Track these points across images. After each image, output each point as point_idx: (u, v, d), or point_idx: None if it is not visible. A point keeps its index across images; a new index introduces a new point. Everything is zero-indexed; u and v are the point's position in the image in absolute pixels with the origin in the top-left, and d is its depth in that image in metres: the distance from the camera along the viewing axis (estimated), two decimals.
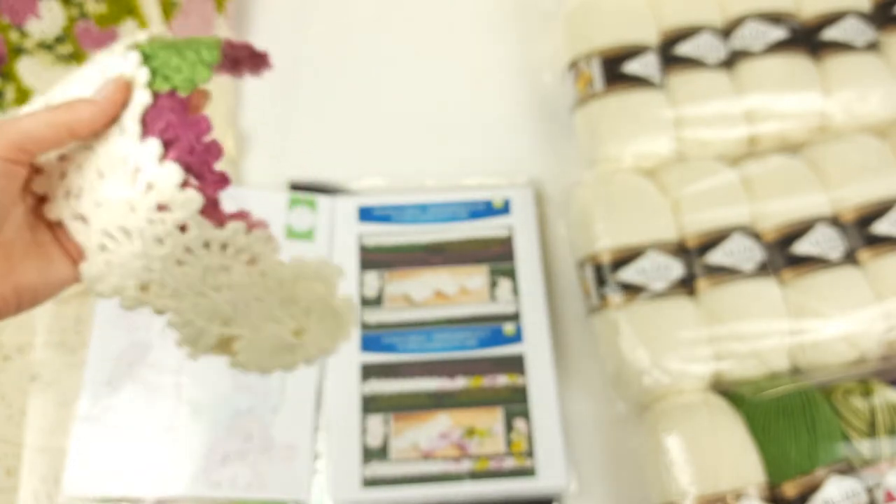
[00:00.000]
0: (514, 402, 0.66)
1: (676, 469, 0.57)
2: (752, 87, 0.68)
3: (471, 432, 0.65)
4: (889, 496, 0.56)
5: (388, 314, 0.69)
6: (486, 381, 0.66)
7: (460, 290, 0.69)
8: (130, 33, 0.78)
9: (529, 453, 0.64)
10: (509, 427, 0.65)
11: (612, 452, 0.67)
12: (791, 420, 0.57)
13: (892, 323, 0.62)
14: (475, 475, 0.63)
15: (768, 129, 0.68)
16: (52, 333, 0.68)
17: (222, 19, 0.79)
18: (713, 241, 0.64)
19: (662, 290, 0.63)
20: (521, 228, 0.72)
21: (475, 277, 0.70)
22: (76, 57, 0.77)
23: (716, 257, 0.64)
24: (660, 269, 0.63)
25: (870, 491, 0.56)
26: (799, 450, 0.56)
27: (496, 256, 0.71)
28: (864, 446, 0.57)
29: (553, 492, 0.64)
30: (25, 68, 0.76)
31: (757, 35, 0.70)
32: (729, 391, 0.62)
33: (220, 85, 0.77)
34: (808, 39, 0.71)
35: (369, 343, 0.67)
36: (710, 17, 0.71)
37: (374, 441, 0.64)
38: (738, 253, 0.64)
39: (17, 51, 0.76)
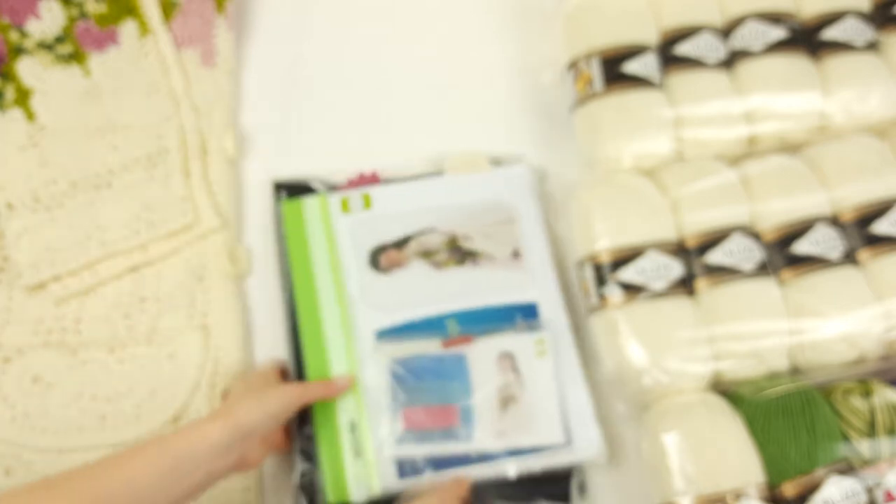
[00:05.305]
0: None
1: (676, 469, 0.57)
2: (752, 87, 0.68)
3: None
4: (889, 496, 0.56)
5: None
6: None
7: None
8: (130, 33, 0.78)
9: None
10: None
11: (611, 452, 0.67)
12: (791, 420, 0.57)
13: (891, 323, 0.62)
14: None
15: (768, 129, 0.68)
16: (53, 334, 0.69)
17: (222, 19, 0.79)
18: (713, 240, 0.64)
19: (662, 290, 0.63)
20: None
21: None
22: (76, 57, 0.77)
23: (715, 257, 0.64)
24: (659, 269, 0.63)
25: (869, 491, 0.56)
26: (798, 450, 0.56)
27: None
28: (863, 446, 0.57)
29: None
30: (25, 68, 0.76)
31: (757, 35, 0.70)
32: (728, 391, 0.62)
33: (219, 85, 0.77)
34: (807, 39, 0.71)
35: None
36: (709, 17, 0.71)
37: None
38: (738, 253, 0.64)
39: (17, 51, 0.76)
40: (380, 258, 0.69)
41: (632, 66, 0.68)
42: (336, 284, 0.68)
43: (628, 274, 0.63)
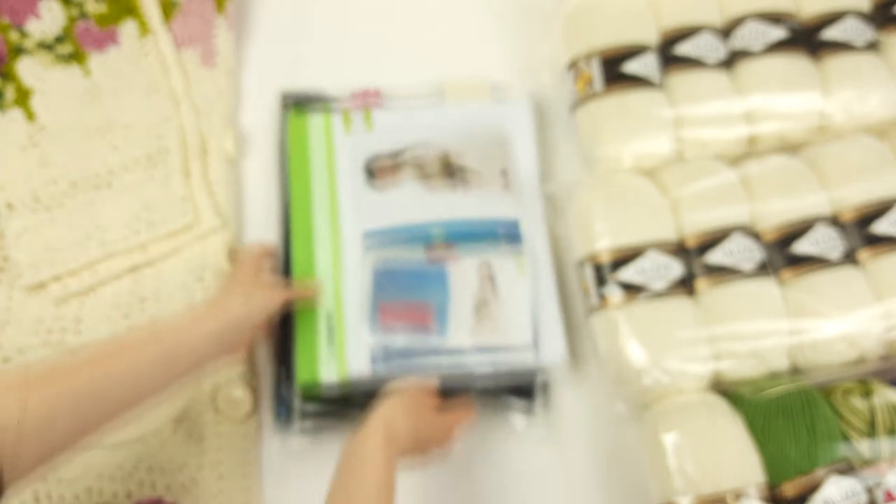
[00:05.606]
0: None
1: (676, 469, 0.57)
2: (752, 87, 0.69)
3: None
4: (889, 496, 0.56)
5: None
6: None
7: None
8: (130, 33, 0.78)
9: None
10: None
11: (611, 452, 0.67)
12: (791, 420, 0.57)
13: (891, 323, 0.62)
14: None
15: (768, 129, 0.69)
16: (53, 334, 0.68)
17: (222, 19, 0.79)
18: (713, 240, 0.64)
19: (662, 290, 0.63)
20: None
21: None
22: (76, 57, 0.77)
23: (715, 257, 0.64)
24: (660, 269, 0.63)
25: (869, 491, 0.56)
26: (799, 450, 0.56)
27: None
28: (863, 446, 0.57)
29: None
30: (25, 68, 0.76)
31: (757, 35, 0.70)
32: (728, 391, 0.62)
33: (219, 85, 0.77)
34: (808, 39, 0.71)
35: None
36: (709, 17, 0.71)
37: None
38: (738, 253, 0.64)
39: (17, 51, 0.76)
40: (374, 169, 0.72)
41: (632, 66, 0.68)
42: (330, 195, 0.72)
43: (628, 274, 0.63)
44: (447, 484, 0.67)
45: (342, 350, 0.66)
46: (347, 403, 0.66)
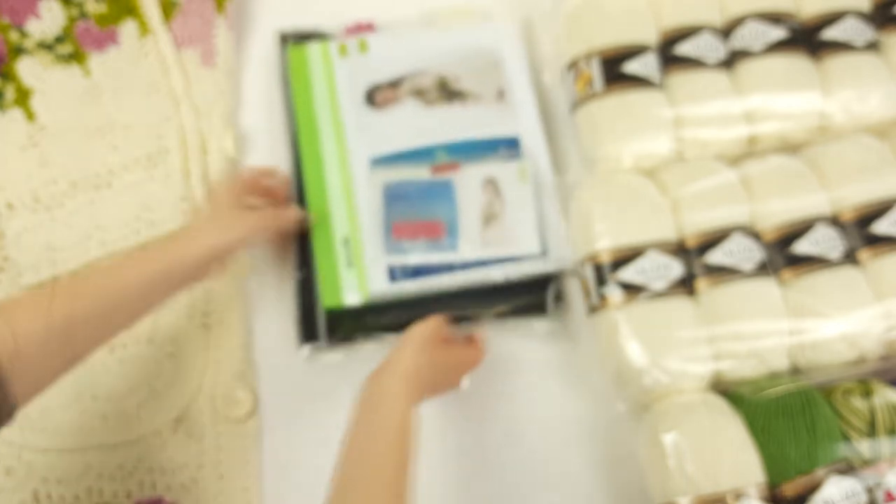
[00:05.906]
0: None
1: (676, 469, 0.57)
2: (752, 87, 0.69)
3: None
4: (889, 496, 0.56)
5: None
6: None
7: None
8: (130, 33, 0.78)
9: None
10: None
11: (611, 453, 0.67)
12: (791, 420, 0.57)
13: (891, 323, 0.62)
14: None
15: (768, 129, 0.69)
16: None
17: (222, 19, 0.79)
18: (713, 240, 0.64)
19: (662, 290, 0.63)
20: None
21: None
22: (76, 57, 0.77)
23: (715, 257, 0.64)
24: (660, 269, 0.63)
25: (870, 491, 0.56)
26: (799, 450, 0.56)
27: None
28: (863, 446, 0.57)
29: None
30: (25, 68, 0.76)
31: (757, 35, 0.70)
32: (729, 391, 0.62)
33: (219, 85, 0.77)
34: (808, 39, 0.71)
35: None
36: (709, 17, 0.71)
37: None
38: (738, 253, 0.64)
39: (17, 51, 0.76)
40: (375, 96, 0.74)
41: (632, 66, 0.68)
42: (334, 121, 0.74)
43: (628, 274, 0.63)
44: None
45: (362, 271, 0.69)
46: (369, 323, 0.69)
